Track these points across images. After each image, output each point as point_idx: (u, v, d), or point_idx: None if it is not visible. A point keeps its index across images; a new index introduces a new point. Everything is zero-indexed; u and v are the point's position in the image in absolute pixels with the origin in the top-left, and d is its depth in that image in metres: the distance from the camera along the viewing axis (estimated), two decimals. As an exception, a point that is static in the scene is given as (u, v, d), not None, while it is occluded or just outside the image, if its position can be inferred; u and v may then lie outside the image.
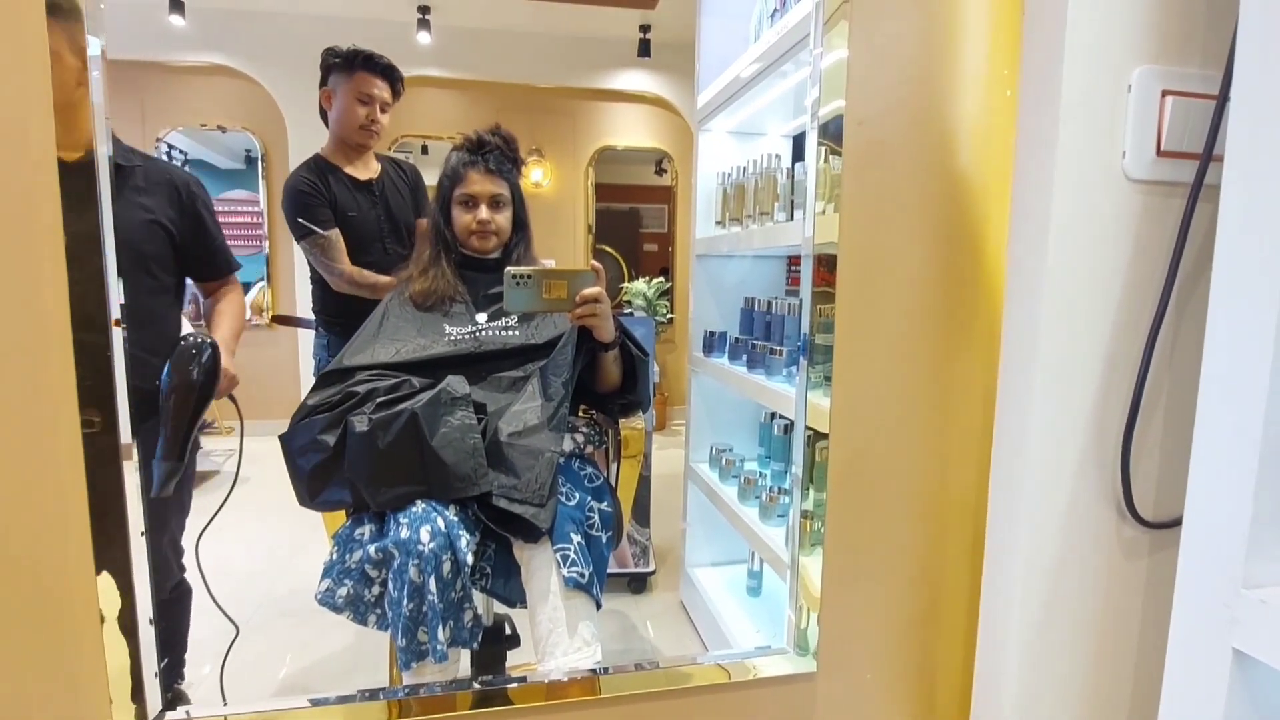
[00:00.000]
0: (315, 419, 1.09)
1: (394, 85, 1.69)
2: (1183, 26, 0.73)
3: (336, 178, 1.68)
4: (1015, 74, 0.82)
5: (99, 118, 0.71)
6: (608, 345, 1.19)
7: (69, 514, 0.73)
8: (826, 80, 0.88)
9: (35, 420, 0.72)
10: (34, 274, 0.70)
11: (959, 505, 0.99)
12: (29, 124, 0.68)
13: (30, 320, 0.71)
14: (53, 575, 0.74)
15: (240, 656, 1.32)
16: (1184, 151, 0.74)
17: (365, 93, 1.65)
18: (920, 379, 0.95)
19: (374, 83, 1.65)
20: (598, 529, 1.13)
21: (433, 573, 0.98)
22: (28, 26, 0.67)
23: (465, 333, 1.24)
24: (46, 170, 0.69)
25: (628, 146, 4.46)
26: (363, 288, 1.65)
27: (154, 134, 3.90)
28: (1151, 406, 0.79)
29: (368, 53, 1.65)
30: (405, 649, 0.99)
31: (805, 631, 1.00)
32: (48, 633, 0.74)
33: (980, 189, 0.93)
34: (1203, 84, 0.73)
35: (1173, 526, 0.81)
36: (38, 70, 0.68)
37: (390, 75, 1.68)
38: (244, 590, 2.02)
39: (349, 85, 1.64)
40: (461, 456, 1.04)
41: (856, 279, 0.92)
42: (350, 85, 1.64)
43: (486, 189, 1.28)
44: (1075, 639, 0.84)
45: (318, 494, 1.09)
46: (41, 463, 0.72)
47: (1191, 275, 0.76)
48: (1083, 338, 0.77)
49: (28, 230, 0.70)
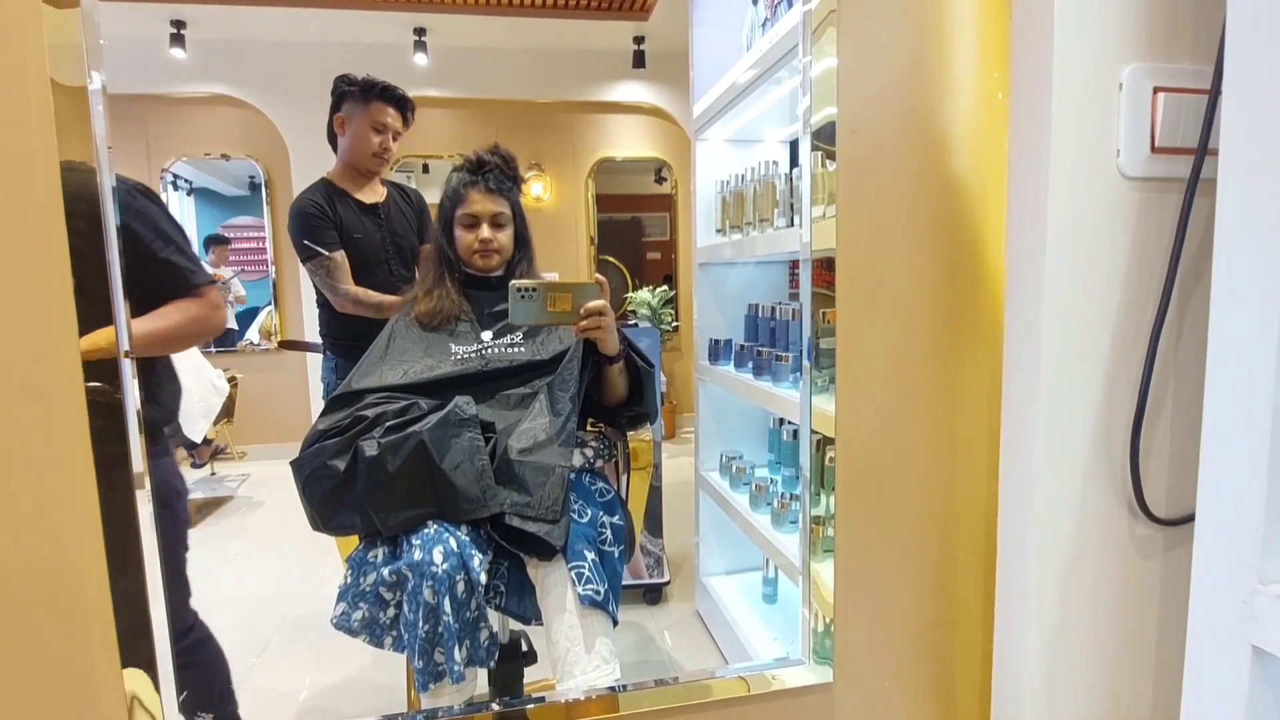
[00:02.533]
0: (325, 445, 1.10)
1: (405, 115, 1.74)
2: (1171, 23, 0.73)
3: (343, 201, 1.71)
4: (1006, 76, 0.83)
5: (101, 150, 0.72)
6: (613, 358, 1.20)
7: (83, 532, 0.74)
8: (817, 88, 0.89)
9: (48, 457, 0.73)
10: (43, 308, 0.71)
11: (970, 507, 0.99)
12: (34, 157, 0.70)
13: (40, 355, 0.72)
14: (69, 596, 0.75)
15: (259, 681, 1.33)
16: (1178, 147, 0.74)
17: (380, 121, 1.70)
18: (925, 381, 0.95)
19: (388, 112, 1.70)
20: (610, 544, 1.13)
21: (447, 593, 0.98)
22: (30, 65, 0.68)
23: (471, 351, 1.25)
24: (53, 208, 0.70)
25: (627, 157, 4.49)
26: (367, 307, 1.67)
27: (159, 165, 3.95)
28: (1159, 403, 0.79)
29: (384, 83, 1.70)
30: (422, 670, 0.99)
31: (821, 640, 1.00)
32: (65, 660, 0.75)
33: (977, 191, 0.93)
34: (1194, 79, 0.73)
35: (1187, 523, 0.80)
36: (41, 107, 0.69)
37: (403, 105, 1.73)
38: (261, 614, 2.03)
39: (364, 114, 1.69)
40: (470, 479, 1.05)
41: (856, 283, 0.92)
42: (365, 114, 1.69)
43: (488, 208, 1.29)
44: (1093, 641, 0.83)
45: (330, 519, 1.09)
46: (56, 490, 0.73)
47: (1192, 270, 0.76)
48: (1085, 337, 0.77)
49: (37, 261, 0.71)
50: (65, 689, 0.75)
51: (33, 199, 0.70)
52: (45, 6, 0.68)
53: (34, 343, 0.71)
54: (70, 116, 0.70)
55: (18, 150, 0.69)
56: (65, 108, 0.69)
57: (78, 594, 0.74)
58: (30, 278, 0.71)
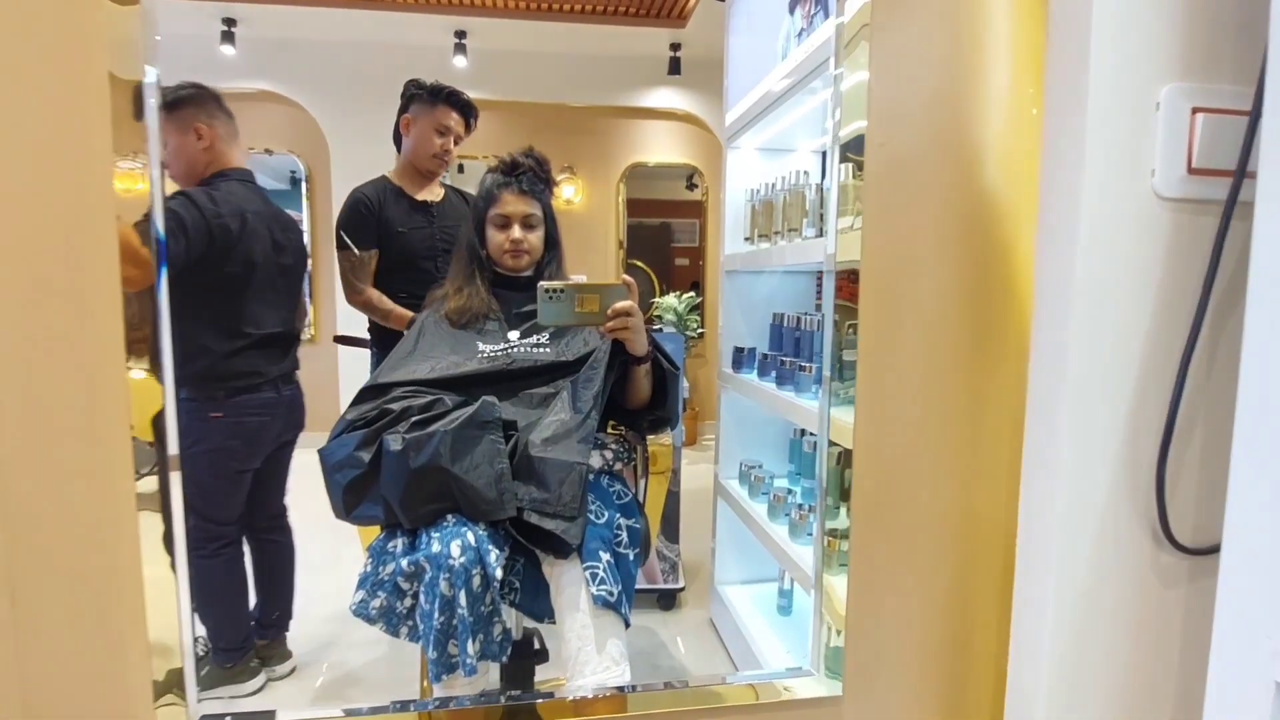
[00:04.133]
0: (351, 435, 1.12)
1: (468, 120, 1.80)
2: (1211, 44, 0.72)
3: (397, 198, 1.78)
4: (1040, 92, 0.82)
5: (153, 141, 0.76)
6: (640, 359, 1.21)
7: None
8: (847, 102, 0.89)
9: (92, 441, 0.76)
10: (85, 305, 0.75)
11: (988, 527, 0.98)
12: (91, 149, 0.73)
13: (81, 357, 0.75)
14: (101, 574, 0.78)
15: (276, 664, 1.36)
16: (1216, 169, 0.72)
17: (443, 124, 1.76)
18: (947, 398, 0.94)
19: (452, 116, 1.77)
20: (626, 546, 1.14)
21: (463, 587, 1.00)
22: (92, 63, 0.72)
23: (498, 350, 1.27)
24: (104, 204, 0.74)
25: (659, 163, 4.50)
26: (375, 311, 1.74)
27: (206, 158, 4.07)
28: (1188, 429, 0.77)
29: (450, 89, 1.76)
30: (436, 661, 1.01)
31: (831, 653, 0.99)
32: (96, 617, 0.78)
33: (1007, 208, 0.92)
34: (1234, 100, 0.72)
35: (1213, 553, 0.78)
36: (98, 100, 0.72)
37: (467, 111, 1.79)
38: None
39: (429, 116, 1.75)
40: (488, 481, 1.06)
41: (879, 296, 0.91)
42: (430, 117, 1.75)
43: (520, 209, 1.32)
44: (1110, 669, 0.82)
45: (353, 508, 1.12)
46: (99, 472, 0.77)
47: (1226, 294, 0.74)
48: (1113, 358, 0.76)
49: (87, 251, 0.74)
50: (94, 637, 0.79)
51: (89, 191, 0.73)
52: (108, 3, 0.72)
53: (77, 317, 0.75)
54: (124, 110, 0.73)
55: (76, 145, 0.73)
56: (121, 101, 0.73)
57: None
58: (77, 264, 0.74)
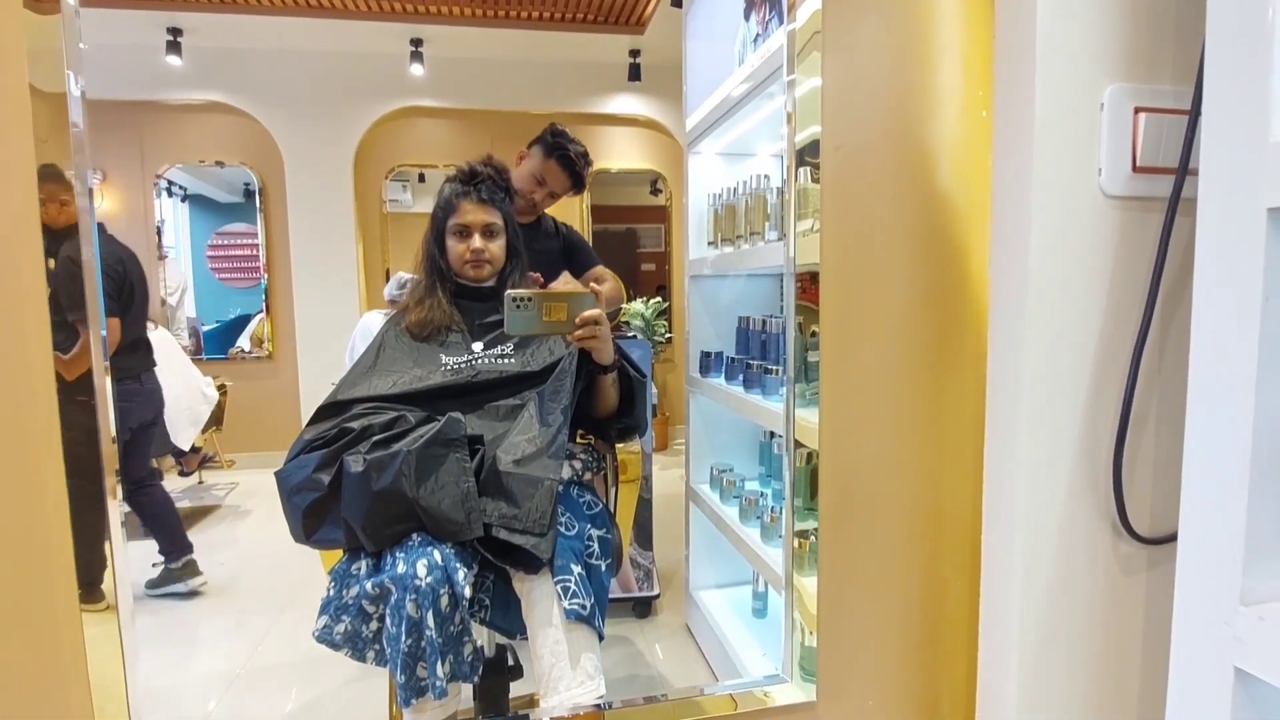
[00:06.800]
0: (310, 456, 1.09)
1: (573, 184, 1.80)
2: (1152, 44, 0.74)
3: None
4: (990, 95, 0.83)
5: (81, 154, 0.72)
6: (606, 368, 1.20)
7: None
8: (802, 107, 0.89)
9: (24, 463, 0.72)
10: (18, 317, 0.71)
11: (955, 523, 0.99)
12: (11, 164, 0.69)
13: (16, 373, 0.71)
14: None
15: (244, 694, 1.31)
16: (1160, 167, 0.74)
17: (542, 175, 1.77)
18: (909, 396, 0.95)
19: (555, 172, 1.76)
20: (598, 558, 1.13)
21: (430, 607, 0.97)
22: (10, 73, 0.68)
23: (462, 362, 1.25)
24: (29, 215, 0.70)
25: (622, 169, 4.50)
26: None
27: (153, 171, 3.95)
28: (1141, 421, 0.79)
29: (569, 151, 1.76)
30: (404, 685, 0.98)
31: (806, 654, 0.99)
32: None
33: (961, 208, 0.93)
34: (1175, 100, 0.74)
35: (1170, 541, 0.80)
36: (19, 111, 0.69)
37: (577, 181, 1.79)
38: (246, 624, 2.01)
39: (539, 163, 1.76)
40: (454, 502, 1.03)
41: (839, 297, 0.92)
42: (540, 163, 1.76)
43: (480, 218, 1.30)
44: (1077, 659, 0.83)
45: (313, 532, 1.08)
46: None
47: (1174, 288, 0.76)
48: (1068, 354, 0.77)
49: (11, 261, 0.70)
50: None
51: (9, 203, 0.69)
52: (25, 12, 0.68)
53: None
54: (49, 122, 0.69)
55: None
56: (44, 113, 0.69)
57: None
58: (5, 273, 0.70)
